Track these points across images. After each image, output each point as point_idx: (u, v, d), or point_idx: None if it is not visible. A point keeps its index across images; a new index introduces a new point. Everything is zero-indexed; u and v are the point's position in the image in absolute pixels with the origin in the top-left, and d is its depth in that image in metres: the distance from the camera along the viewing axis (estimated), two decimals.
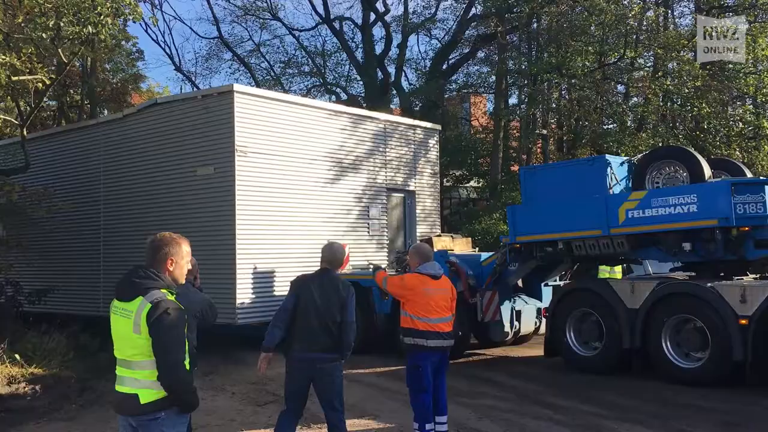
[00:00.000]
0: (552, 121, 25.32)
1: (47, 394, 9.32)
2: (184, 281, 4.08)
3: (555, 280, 12.37)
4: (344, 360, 5.78)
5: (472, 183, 26.08)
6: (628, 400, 8.57)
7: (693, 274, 10.25)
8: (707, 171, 9.80)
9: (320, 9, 28.36)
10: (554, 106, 24.32)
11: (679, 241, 9.33)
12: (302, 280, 5.78)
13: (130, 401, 3.75)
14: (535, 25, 23.93)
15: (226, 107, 12.23)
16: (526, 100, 24.60)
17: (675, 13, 24.64)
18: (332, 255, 5.87)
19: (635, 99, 23.65)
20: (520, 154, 26.51)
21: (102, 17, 10.59)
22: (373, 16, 27.94)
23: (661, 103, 22.12)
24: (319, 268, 5.87)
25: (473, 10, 26.12)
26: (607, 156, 11.25)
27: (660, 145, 19.87)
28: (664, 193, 9.51)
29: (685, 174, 9.87)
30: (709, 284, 9.04)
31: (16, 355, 10.33)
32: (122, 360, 3.81)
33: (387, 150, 15.25)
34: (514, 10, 23.03)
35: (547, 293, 12.06)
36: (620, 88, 23.97)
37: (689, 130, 21.79)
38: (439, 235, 13.89)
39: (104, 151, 14.77)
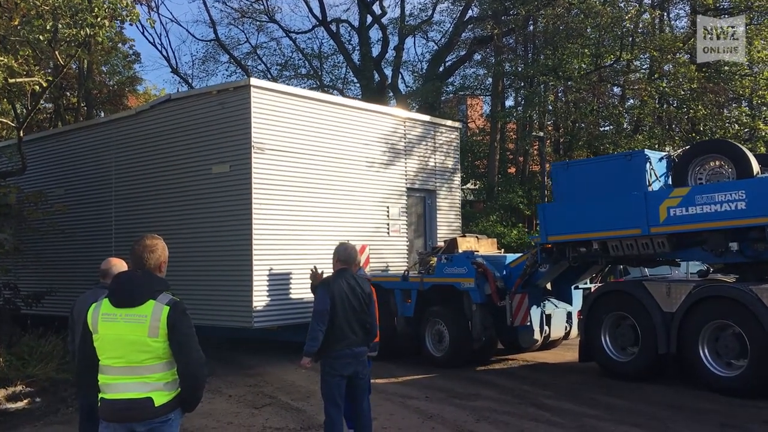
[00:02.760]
0: (548, 123, 25.39)
1: (43, 397, 9.28)
2: None
3: (585, 283, 11.78)
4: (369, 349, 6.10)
5: (469, 185, 26.12)
6: (628, 402, 8.56)
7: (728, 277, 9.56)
8: (755, 166, 9.16)
9: (317, 11, 28.45)
10: (550, 108, 24.39)
11: (726, 241, 8.73)
12: (330, 281, 5.90)
13: (142, 406, 3.69)
14: (531, 27, 23.99)
15: (243, 102, 11.82)
16: (522, 103, 24.67)
17: (671, 16, 24.79)
18: (347, 254, 6.05)
19: (631, 101, 23.73)
20: (516, 156, 26.58)
21: (99, 19, 10.54)
22: (369, 19, 28.00)
23: (657, 105, 22.21)
24: (337, 269, 6.01)
25: (470, 13, 26.22)
26: (646, 151, 10.61)
27: (656, 147, 19.94)
28: (710, 189, 8.87)
29: (731, 169, 9.21)
30: (750, 287, 8.45)
31: (12, 358, 10.30)
32: (124, 368, 3.72)
33: (407, 148, 14.76)
34: (511, 12, 23.08)
35: (577, 296, 11.55)
36: (616, 90, 24.06)
37: (685, 132, 21.88)
38: (464, 236, 13.33)
39: (116, 150, 14.31)
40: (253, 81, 12.23)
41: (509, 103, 27.38)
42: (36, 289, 14.10)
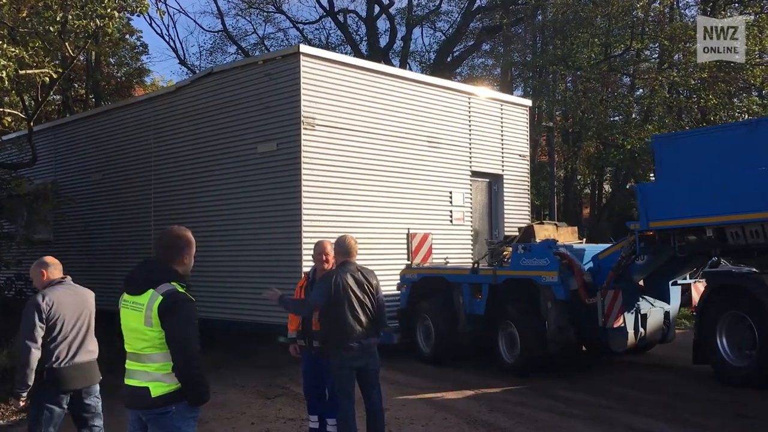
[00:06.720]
0: (558, 113, 25.29)
1: None
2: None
3: (685, 278, 10.19)
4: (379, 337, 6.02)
5: None
6: (643, 393, 8.52)
7: None
8: None
9: (324, 2, 28.36)
10: (560, 98, 24.28)
11: None
12: (335, 277, 5.79)
13: (141, 395, 3.73)
14: (540, 16, 23.86)
15: (292, 73, 10.74)
16: (531, 93, 24.55)
17: (681, 4, 24.60)
18: (347, 246, 5.97)
19: (641, 91, 23.61)
20: None
21: (108, 10, 10.52)
22: (377, 9, 27.93)
23: (668, 95, 22.08)
24: (339, 261, 5.94)
25: (478, 2, 26.15)
26: None
27: None
28: None
29: None
30: None
31: None
32: (133, 354, 3.81)
33: (472, 127, 13.46)
34: (519, 1, 22.96)
35: (675, 294, 9.99)
36: (626, 79, 23.93)
37: (696, 121, 21.74)
38: (542, 223, 11.92)
39: (155, 130, 13.36)
40: (304, 48, 11.06)
41: (518, 93, 27.26)
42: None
